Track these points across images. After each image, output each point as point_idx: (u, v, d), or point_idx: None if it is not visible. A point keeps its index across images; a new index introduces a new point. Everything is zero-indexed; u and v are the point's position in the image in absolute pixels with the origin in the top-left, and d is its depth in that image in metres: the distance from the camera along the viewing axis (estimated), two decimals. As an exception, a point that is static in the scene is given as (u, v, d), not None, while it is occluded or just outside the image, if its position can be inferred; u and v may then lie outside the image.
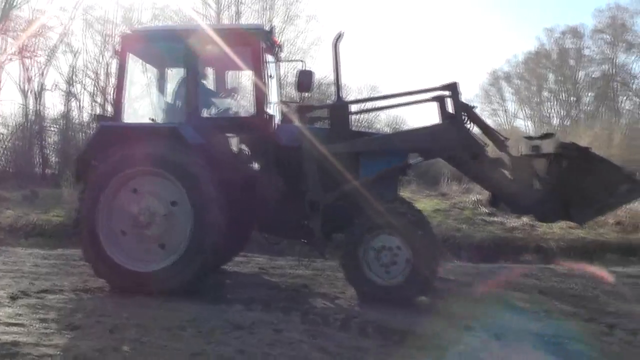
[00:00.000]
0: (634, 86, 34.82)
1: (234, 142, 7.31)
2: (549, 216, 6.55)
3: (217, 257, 6.72)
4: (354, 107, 8.00)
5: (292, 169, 6.72)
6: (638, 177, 6.22)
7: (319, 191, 6.55)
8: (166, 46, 7.09)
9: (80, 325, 5.06)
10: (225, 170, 6.55)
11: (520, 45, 73.28)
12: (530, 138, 7.04)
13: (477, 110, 6.77)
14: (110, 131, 6.76)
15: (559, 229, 11.28)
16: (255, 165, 7.09)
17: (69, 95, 25.56)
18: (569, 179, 6.02)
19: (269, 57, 7.27)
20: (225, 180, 6.42)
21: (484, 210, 12.98)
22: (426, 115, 37.67)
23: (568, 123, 33.42)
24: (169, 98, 7.59)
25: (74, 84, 26.10)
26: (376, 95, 22.29)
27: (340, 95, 6.92)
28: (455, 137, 6.50)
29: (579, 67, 37.07)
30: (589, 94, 36.99)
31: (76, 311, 5.61)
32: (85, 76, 26.71)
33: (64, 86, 25.69)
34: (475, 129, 6.67)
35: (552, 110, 38.89)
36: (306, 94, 7.32)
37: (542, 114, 39.21)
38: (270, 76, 7.27)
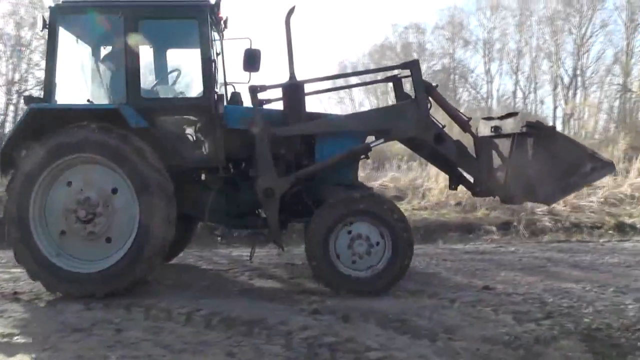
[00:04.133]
0: (470, 79, 37.95)
1: (180, 125, 6.62)
2: (514, 197, 6.44)
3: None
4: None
5: (243, 153, 6.27)
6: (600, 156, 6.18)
7: (274, 177, 6.07)
8: (103, 20, 6.27)
9: None
10: (171, 156, 6.01)
11: (367, 38, 76.23)
12: (489, 119, 6.99)
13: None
14: (42, 114, 5.87)
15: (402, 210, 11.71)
16: (204, 150, 6.44)
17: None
18: (534, 158, 5.93)
19: (215, 34, 6.77)
20: (171, 167, 5.90)
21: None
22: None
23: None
24: (107, 78, 6.80)
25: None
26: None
27: (293, 74, 6.35)
28: (417, 118, 6.26)
29: (421, 61, 39.27)
30: (431, 86, 39.47)
31: None
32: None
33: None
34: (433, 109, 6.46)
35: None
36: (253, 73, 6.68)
37: (387, 104, 41.17)
38: (217, 54, 6.81)
